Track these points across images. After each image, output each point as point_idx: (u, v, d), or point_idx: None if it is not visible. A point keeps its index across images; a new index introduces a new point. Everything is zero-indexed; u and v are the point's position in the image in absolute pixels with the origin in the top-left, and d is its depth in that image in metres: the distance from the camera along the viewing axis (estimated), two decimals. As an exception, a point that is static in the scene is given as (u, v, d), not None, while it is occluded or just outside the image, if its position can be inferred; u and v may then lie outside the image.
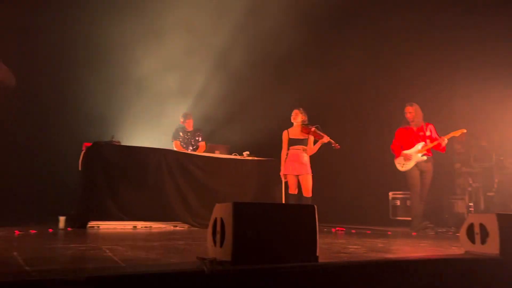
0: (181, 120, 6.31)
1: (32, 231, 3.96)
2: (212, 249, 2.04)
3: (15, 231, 3.84)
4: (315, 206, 2.12)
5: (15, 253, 2.32)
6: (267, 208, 2.03)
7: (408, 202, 6.46)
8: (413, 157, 5.38)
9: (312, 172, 5.18)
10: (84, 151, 5.17)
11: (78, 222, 4.78)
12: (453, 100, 6.46)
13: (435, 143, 5.34)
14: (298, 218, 2.06)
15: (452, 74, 6.48)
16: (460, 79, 6.31)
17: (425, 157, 5.36)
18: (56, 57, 5.97)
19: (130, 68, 6.80)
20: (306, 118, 5.31)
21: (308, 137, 5.23)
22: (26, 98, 5.53)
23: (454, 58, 6.48)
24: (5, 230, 3.91)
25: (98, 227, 4.87)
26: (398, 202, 7.00)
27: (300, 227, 2.04)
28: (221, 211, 2.00)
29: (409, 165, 5.40)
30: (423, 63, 6.82)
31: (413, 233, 5.04)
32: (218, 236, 1.99)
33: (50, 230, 4.21)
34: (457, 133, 5.32)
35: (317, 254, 2.04)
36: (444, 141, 5.29)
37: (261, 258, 1.91)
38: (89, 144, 5.16)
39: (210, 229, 2.08)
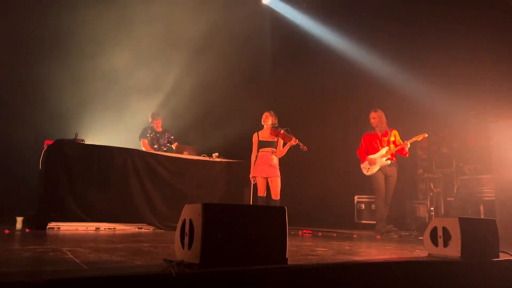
0: (150, 119, 6.18)
1: (-14, 232, 3.74)
2: (179, 251, 1.99)
3: (-33, 232, 3.62)
4: (285, 208, 2.11)
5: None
6: (237, 209, 2.00)
7: (373, 206, 6.61)
8: (377, 161, 5.52)
9: (280, 175, 5.20)
10: (45, 149, 4.95)
11: (37, 223, 4.56)
12: (416, 107, 6.67)
13: (399, 147, 5.49)
14: (268, 220, 2.04)
15: (415, 81, 6.69)
16: (423, 86, 6.52)
17: (389, 161, 5.51)
18: (19, 50, 5.70)
19: (96, 63, 6.58)
20: (276, 121, 5.34)
21: (278, 139, 5.26)
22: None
23: (419, 65, 6.69)
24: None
25: (59, 228, 4.67)
26: (363, 206, 7.15)
27: (270, 229, 2.02)
28: (190, 212, 1.95)
29: (374, 169, 5.52)
30: (388, 68, 7.01)
31: (378, 236, 5.15)
32: (186, 238, 1.94)
33: (7, 231, 4.00)
34: (419, 138, 5.49)
35: (286, 257, 2.03)
36: (407, 145, 5.45)
37: (230, 261, 1.87)
38: (51, 142, 4.95)
39: (178, 231, 2.02)
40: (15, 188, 5.54)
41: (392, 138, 5.64)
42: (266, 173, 5.11)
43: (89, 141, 5.33)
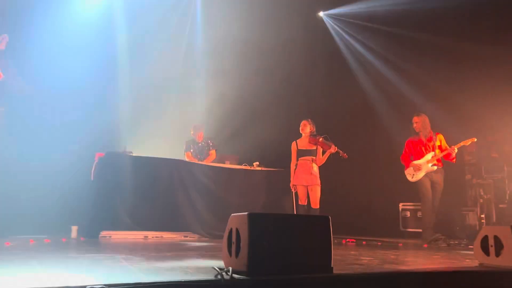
0: (192, 132, 6.38)
1: (46, 240, 4.01)
2: (227, 259, 2.07)
3: (30, 240, 3.89)
4: (329, 217, 2.14)
5: (33, 262, 2.36)
6: (282, 219, 2.06)
7: (419, 213, 6.41)
8: (423, 167, 5.37)
9: (321, 183, 5.19)
10: (96, 161, 5.24)
11: (91, 232, 4.83)
12: (463, 110, 6.43)
13: (445, 152, 5.32)
14: (312, 229, 2.08)
15: (462, 84, 6.46)
16: (471, 88, 6.29)
17: (435, 167, 5.34)
18: (70, 67, 6.05)
19: (143, 79, 6.90)
20: (314, 129, 5.35)
21: (317, 147, 5.26)
22: (42, 109, 5.63)
23: (464, 70, 6.47)
24: (20, 239, 3.97)
25: (110, 236, 4.92)
26: (409, 214, 6.94)
27: (314, 238, 2.06)
28: (237, 221, 2.03)
29: (419, 175, 5.37)
30: (432, 73, 6.83)
31: (425, 245, 5.00)
32: (233, 247, 2.02)
33: (63, 240, 4.26)
34: (467, 142, 5.29)
35: (332, 266, 2.05)
36: (454, 150, 5.27)
37: (277, 269, 1.93)
38: (101, 155, 5.23)
39: (225, 240, 2.10)
40: (70, 198, 5.86)
41: (438, 143, 5.47)
42: (306, 181, 5.12)
43: (137, 153, 5.58)
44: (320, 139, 5.19)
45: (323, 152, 5.27)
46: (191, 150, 6.30)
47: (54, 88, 5.72)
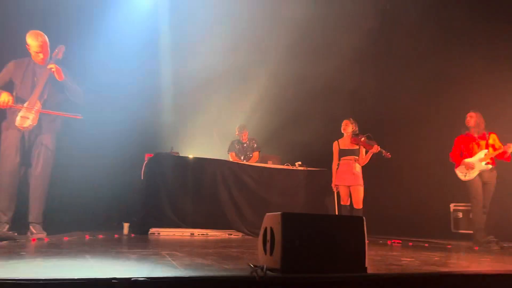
0: (237, 132, 6.53)
1: (100, 236, 4.31)
2: (262, 257, 2.14)
3: (86, 236, 4.20)
4: (364, 218, 2.15)
5: (87, 256, 2.57)
6: (314, 219, 2.10)
7: (471, 214, 6.13)
8: (476, 165, 5.13)
9: (368, 183, 5.11)
10: (146, 161, 5.52)
11: (140, 229, 5.11)
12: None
13: (501, 150, 5.05)
14: (346, 229, 2.10)
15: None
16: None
17: (489, 166, 5.09)
18: (119, 71, 6.40)
19: (188, 82, 7.17)
20: (357, 128, 5.29)
21: (359, 147, 5.19)
22: (95, 111, 6.02)
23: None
24: (77, 235, 4.30)
25: (159, 233, 5.17)
26: (461, 214, 6.66)
27: (348, 238, 2.08)
28: (271, 220, 2.10)
29: (472, 174, 5.14)
30: (484, 69, 6.49)
31: (476, 247, 4.79)
32: (268, 245, 2.09)
33: (116, 236, 4.55)
34: None
35: (366, 266, 2.06)
36: (511, 148, 4.99)
37: (310, 267, 1.97)
38: (150, 155, 5.51)
39: (260, 238, 2.18)
40: (123, 197, 6.23)
41: (491, 141, 5.20)
42: (348, 181, 5.08)
43: (183, 153, 5.81)
44: (363, 138, 5.12)
45: (366, 152, 5.20)
46: (235, 150, 6.46)
47: (105, 92, 6.09)
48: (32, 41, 4.03)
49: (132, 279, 1.70)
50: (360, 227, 2.12)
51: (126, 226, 5.11)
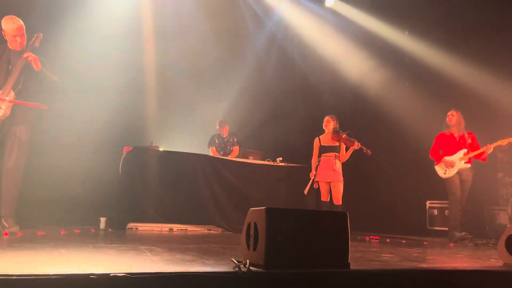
0: (217, 127, 6.47)
1: (76, 231, 4.19)
2: (245, 252, 2.11)
3: (61, 230, 4.08)
4: (347, 214, 2.15)
5: (62, 250, 2.48)
6: (299, 214, 2.08)
7: (446, 212, 6.28)
8: (456, 164, 5.25)
9: (346, 179, 5.15)
10: (124, 155, 5.40)
11: (118, 223, 5.00)
12: (495, 108, 6.22)
13: (480, 150, 5.18)
14: (330, 225, 2.09)
15: (495, 82, 6.25)
16: (503, 85, 6.08)
17: (468, 165, 5.23)
18: (99, 63, 6.23)
19: (169, 75, 7.05)
20: (338, 125, 5.31)
21: (340, 144, 5.22)
22: (72, 103, 5.84)
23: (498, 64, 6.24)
24: (51, 229, 4.16)
25: (137, 228, 5.07)
26: (436, 212, 6.81)
27: (331, 234, 2.07)
28: (255, 215, 2.07)
29: (452, 172, 5.26)
30: (463, 70, 6.63)
31: (451, 244, 4.90)
32: (251, 240, 2.06)
33: (92, 230, 4.44)
34: (504, 142, 5.12)
35: (349, 261, 2.06)
36: (490, 149, 5.12)
37: (293, 263, 1.96)
38: (129, 149, 5.39)
39: (244, 233, 2.15)
40: (99, 191, 6.07)
41: (469, 141, 5.34)
42: (329, 178, 5.10)
43: (163, 147, 5.71)
44: (344, 135, 5.15)
45: (347, 149, 5.23)
46: (216, 145, 6.41)
47: (84, 83, 5.92)
48: (8, 25, 3.87)
49: (111, 274, 1.64)
50: (343, 223, 2.12)
51: (102, 220, 4.98)
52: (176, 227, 5.28)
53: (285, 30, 7.91)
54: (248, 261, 1.91)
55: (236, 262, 1.92)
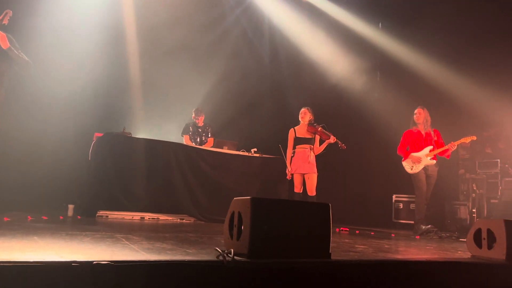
0: (193, 115, 6.38)
1: (44, 217, 4.04)
2: (228, 242, 2.11)
3: (28, 217, 3.92)
4: (329, 205, 2.18)
5: (35, 237, 2.39)
6: (284, 205, 2.10)
7: (412, 205, 6.52)
8: (422, 160, 5.44)
9: (318, 172, 5.24)
10: (94, 141, 5.24)
11: (87, 211, 4.85)
12: (459, 106, 6.49)
13: (445, 148, 5.39)
14: (313, 216, 2.12)
15: (457, 80, 6.51)
16: (466, 84, 6.35)
17: (434, 161, 5.43)
18: (70, 46, 6.00)
19: (142, 62, 6.87)
20: (313, 118, 5.37)
21: (315, 136, 5.29)
22: (40, 87, 5.59)
23: (459, 65, 6.50)
24: (17, 215, 3.99)
25: (107, 216, 4.95)
26: (401, 205, 7.05)
27: (314, 224, 2.11)
28: (239, 205, 2.07)
29: (419, 167, 5.45)
30: (430, 67, 6.86)
31: (417, 237, 5.10)
32: (235, 230, 2.06)
33: (61, 218, 4.29)
34: (467, 140, 5.35)
35: (330, 252, 2.10)
36: (454, 146, 5.34)
37: (277, 253, 1.97)
38: (100, 135, 5.23)
39: (227, 222, 2.14)
40: (66, 177, 5.88)
41: (435, 138, 5.55)
42: (303, 169, 5.16)
43: (135, 135, 5.58)
44: (319, 128, 5.22)
45: (321, 142, 5.30)
46: (190, 133, 6.32)
47: (53, 67, 5.68)
48: None
49: (94, 262, 1.60)
50: (326, 214, 2.16)
51: (70, 208, 4.82)
52: (148, 215, 5.19)
53: (260, 21, 7.89)
54: (232, 250, 1.91)
55: (220, 251, 1.91)
